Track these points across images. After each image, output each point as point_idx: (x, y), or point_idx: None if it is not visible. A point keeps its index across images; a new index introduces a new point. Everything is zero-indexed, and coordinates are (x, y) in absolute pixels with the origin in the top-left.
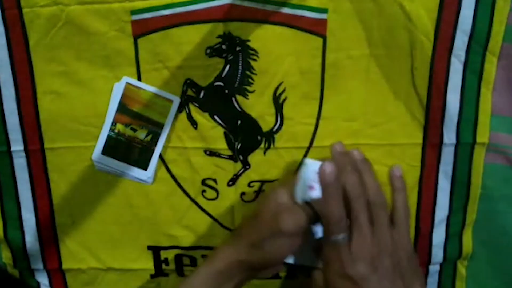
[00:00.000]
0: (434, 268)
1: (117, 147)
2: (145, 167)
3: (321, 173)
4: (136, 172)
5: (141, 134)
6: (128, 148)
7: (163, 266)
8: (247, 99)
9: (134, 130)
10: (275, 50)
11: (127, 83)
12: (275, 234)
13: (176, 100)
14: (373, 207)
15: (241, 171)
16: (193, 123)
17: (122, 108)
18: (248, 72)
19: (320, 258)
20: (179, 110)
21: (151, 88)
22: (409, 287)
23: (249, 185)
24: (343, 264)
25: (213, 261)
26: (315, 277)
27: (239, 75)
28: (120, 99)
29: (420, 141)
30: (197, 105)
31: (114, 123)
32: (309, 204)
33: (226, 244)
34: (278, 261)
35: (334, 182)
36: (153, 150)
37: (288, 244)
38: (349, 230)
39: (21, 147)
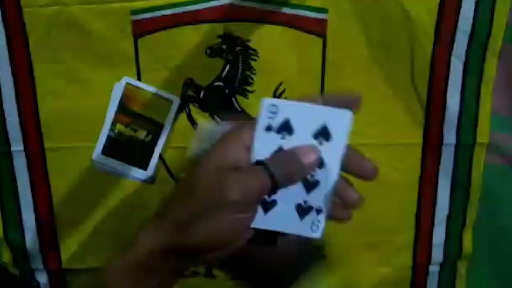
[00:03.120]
0: (434, 268)
1: (117, 147)
2: (145, 167)
3: None
4: (136, 172)
5: (141, 134)
6: (128, 148)
7: None
8: (247, 99)
9: (134, 130)
10: (275, 50)
11: (127, 83)
12: (212, 208)
13: (176, 101)
14: None
15: None
16: (193, 123)
17: (122, 108)
18: (248, 72)
19: None
20: (179, 110)
21: (151, 88)
22: None
23: None
24: None
25: (132, 252)
26: None
27: (239, 75)
28: (120, 99)
29: (420, 141)
30: (197, 105)
31: (114, 123)
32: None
33: (144, 229)
34: (226, 242)
35: None
36: (153, 150)
37: (235, 219)
38: None
39: (21, 147)
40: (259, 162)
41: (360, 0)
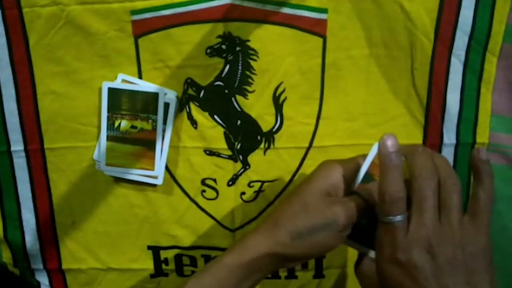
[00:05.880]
0: None
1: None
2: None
3: (380, 144)
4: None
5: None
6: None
7: (163, 266)
8: (247, 99)
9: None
10: (275, 50)
11: (123, 80)
12: (325, 226)
13: (173, 101)
14: (443, 190)
15: (241, 171)
16: (193, 122)
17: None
18: (248, 72)
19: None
20: (180, 109)
21: (147, 85)
22: (476, 286)
23: (249, 185)
24: (395, 249)
25: (242, 252)
26: (364, 263)
27: (238, 75)
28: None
29: (420, 141)
30: (197, 104)
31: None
32: (358, 193)
33: (259, 233)
34: (322, 254)
35: (394, 153)
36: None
37: (338, 236)
38: (408, 212)
39: (21, 147)
40: (355, 192)
41: (360, 0)
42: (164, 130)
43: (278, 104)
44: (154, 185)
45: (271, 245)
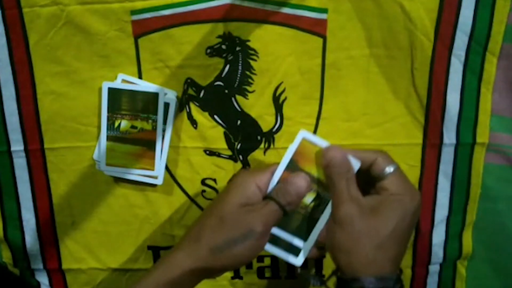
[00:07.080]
0: (434, 268)
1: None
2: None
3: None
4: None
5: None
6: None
7: None
8: (247, 99)
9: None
10: (275, 50)
11: (123, 80)
12: (243, 237)
13: (173, 101)
14: None
15: None
16: (193, 122)
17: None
18: (248, 72)
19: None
20: (180, 109)
21: (148, 85)
22: None
23: None
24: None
25: (166, 270)
26: None
27: (238, 75)
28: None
29: (420, 141)
30: (197, 104)
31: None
32: (272, 197)
33: (181, 250)
34: (243, 264)
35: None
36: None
37: (257, 245)
38: None
39: (21, 147)
40: (268, 197)
41: (360, 0)
42: (164, 130)
43: (278, 104)
44: (154, 185)
45: (193, 261)
